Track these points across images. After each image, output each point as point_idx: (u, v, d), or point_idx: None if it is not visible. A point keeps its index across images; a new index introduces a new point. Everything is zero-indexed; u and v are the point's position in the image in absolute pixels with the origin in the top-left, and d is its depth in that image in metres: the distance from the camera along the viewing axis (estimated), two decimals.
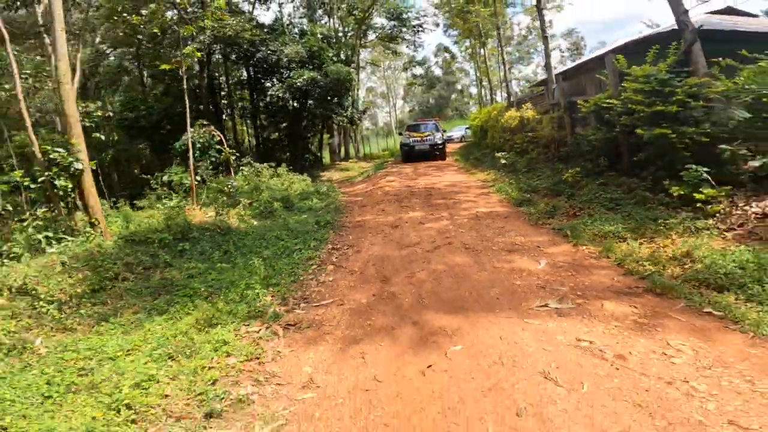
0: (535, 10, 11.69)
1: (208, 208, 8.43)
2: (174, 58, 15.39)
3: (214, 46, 16.45)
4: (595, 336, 2.58)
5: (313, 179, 14.15)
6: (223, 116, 20.24)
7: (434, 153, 16.12)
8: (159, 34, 14.00)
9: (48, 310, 3.92)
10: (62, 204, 5.75)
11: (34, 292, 4.13)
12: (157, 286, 4.63)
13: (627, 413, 1.92)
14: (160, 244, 5.67)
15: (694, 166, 4.66)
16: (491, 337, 2.67)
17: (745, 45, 5.13)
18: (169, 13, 12.76)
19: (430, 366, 2.46)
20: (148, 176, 9.60)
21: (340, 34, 25.59)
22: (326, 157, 24.45)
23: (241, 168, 12.22)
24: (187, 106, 8.51)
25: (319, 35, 19.35)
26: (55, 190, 5.52)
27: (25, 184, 5.56)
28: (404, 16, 26.14)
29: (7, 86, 9.93)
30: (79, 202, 6.02)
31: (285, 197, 9.54)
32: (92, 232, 5.51)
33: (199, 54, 10.58)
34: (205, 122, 11.47)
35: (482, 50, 21.56)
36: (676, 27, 6.25)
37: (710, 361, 2.23)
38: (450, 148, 19.31)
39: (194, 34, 11.63)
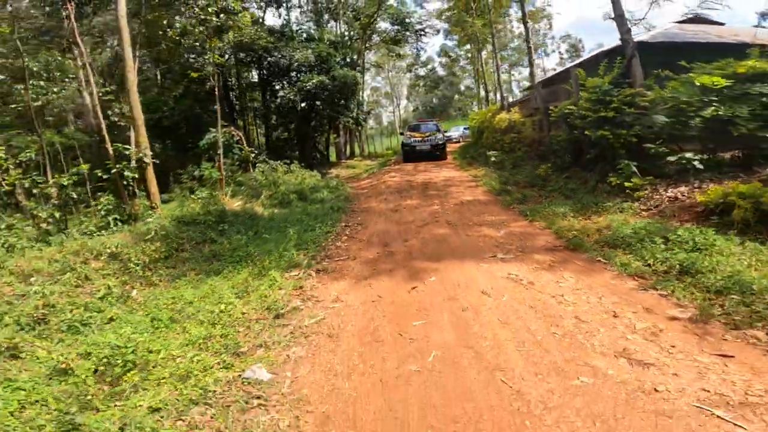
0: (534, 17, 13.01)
1: (234, 199, 9.87)
2: (196, 63, 16.86)
3: (229, 50, 17.86)
4: (520, 272, 3.96)
5: (322, 176, 15.53)
6: (235, 116, 21.69)
7: (435, 153, 16.59)
8: (181, 40, 15.37)
9: (136, 270, 5.31)
10: (126, 192, 7.18)
11: (124, 257, 5.55)
12: (208, 256, 6.03)
13: (523, 310, 3.29)
14: (204, 224, 7.08)
15: (627, 162, 6.03)
16: (454, 273, 4.07)
17: (693, 54, 6.48)
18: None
19: (414, 288, 3.86)
20: (180, 171, 11.04)
21: (346, 38, 26.99)
22: (333, 156, 25.81)
23: (257, 165, 13.62)
24: (219, 110, 9.91)
25: (327, 41, 20.72)
26: (123, 180, 6.96)
27: (99, 174, 7.00)
28: (407, 21, 27.49)
29: (55, 89, 11.41)
30: (137, 190, 7.45)
31: (299, 190, 10.95)
32: (153, 213, 6.94)
33: (224, 61, 12.00)
34: (225, 123, 12.89)
35: (481, 54, 22.83)
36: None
37: (582, 286, 3.60)
38: (449, 147, 20.47)
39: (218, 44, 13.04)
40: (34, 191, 6.95)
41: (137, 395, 2.51)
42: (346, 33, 27.67)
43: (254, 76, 22.48)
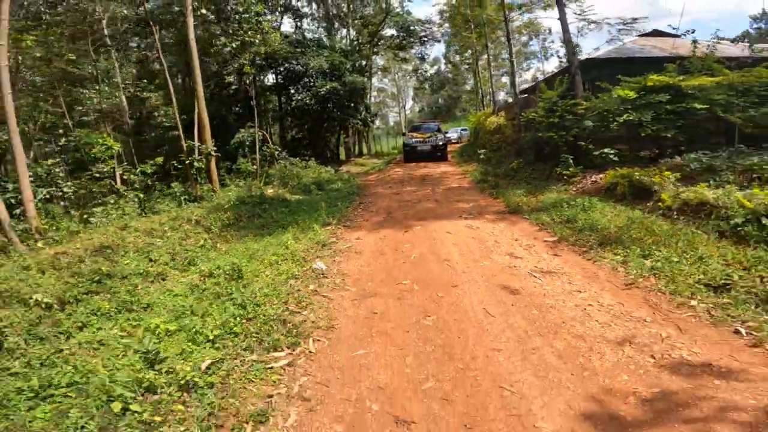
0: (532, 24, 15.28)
1: (266, 187, 12.25)
2: (224, 71, 19.25)
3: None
4: (473, 224, 6.29)
5: (334, 171, 17.92)
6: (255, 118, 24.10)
7: (435, 153, 17.12)
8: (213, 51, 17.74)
9: (216, 231, 7.68)
10: (194, 178, 9.58)
11: (205, 223, 7.93)
12: (259, 225, 8.38)
13: (468, 239, 5.59)
14: (251, 204, 9.45)
15: (566, 156, 8.32)
16: (433, 226, 6.40)
17: (635, 67, 8.71)
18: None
19: (406, 231, 6.21)
20: (226, 164, 13.47)
21: (355, 43, 29.37)
22: (342, 155, 28.19)
23: (279, 161, 16.02)
24: (256, 115, 12.30)
25: (338, 50, 23.10)
26: (193, 170, 9.36)
27: (174, 164, 9.40)
28: (411, 28, 29.83)
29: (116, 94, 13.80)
30: (199, 177, 9.85)
31: (317, 181, 13.35)
32: (214, 195, 9.33)
33: (253, 71, 14.44)
34: (251, 125, 15.27)
35: (478, 62, 25.09)
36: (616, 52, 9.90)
37: (506, 229, 5.91)
38: (449, 148, 22.53)
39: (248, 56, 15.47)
40: (125, 177, 9.38)
41: (255, 283, 4.82)
42: (355, 39, 30.04)
43: (269, 79, 24.87)
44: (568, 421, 2.20)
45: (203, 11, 10.66)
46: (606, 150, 7.80)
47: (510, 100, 21.54)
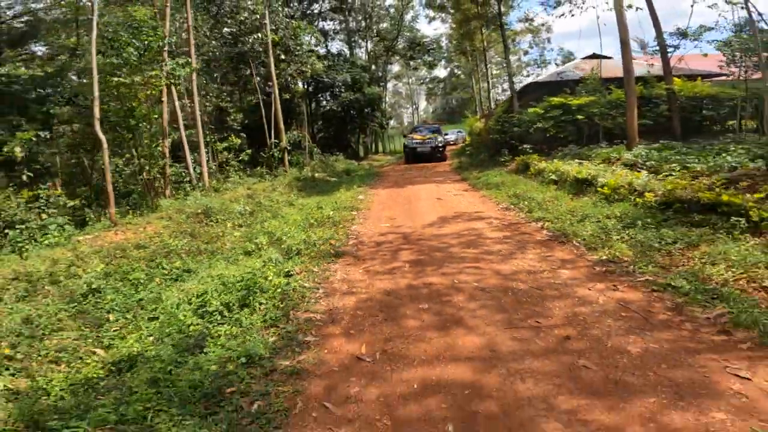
0: (530, 34, 20.80)
1: (312, 173, 18.04)
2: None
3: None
4: (442, 186, 11.97)
5: (356, 164, 23.67)
6: (289, 121, 30.05)
7: (435, 155, 19.20)
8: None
9: (296, 191, 13.46)
10: (273, 163, 15.40)
11: (287, 187, 13.69)
12: (318, 191, 14.17)
13: (432, 189, 11.25)
14: (307, 180, 15.22)
15: (505, 150, 13.90)
16: (418, 186, 12.10)
17: (566, 87, 14.24)
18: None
19: (402, 188, 11.94)
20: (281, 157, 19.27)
21: (372, 54, 35.11)
22: (361, 152, 33.96)
23: (315, 155, 21.79)
24: (306, 120, 18.11)
25: (358, 65, 28.88)
26: (272, 158, 15.17)
27: (262, 154, 15.19)
28: (420, 42, 35.48)
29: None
30: (274, 163, 15.63)
31: (346, 169, 19.09)
32: (287, 174, 15.11)
33: (303, 90, 20.30)
34: (294, 128, 21.11)
35: (477, 70, 30.56)
36: (557, 75, 15.43)
37: (453, 186, 11.57)
38: (448, 149, 27.89)
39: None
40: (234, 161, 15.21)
41: (329, 206, 10.49)
42: (372, 51, 35.80)
43: (299, 86, 30.72)
44: (436, 213, 7.81)
45: (278, 52, 16.31)
46: (525, 146, 13.34)
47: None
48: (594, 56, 19.69)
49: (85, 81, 9.14)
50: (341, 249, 5.95)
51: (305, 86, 29.54)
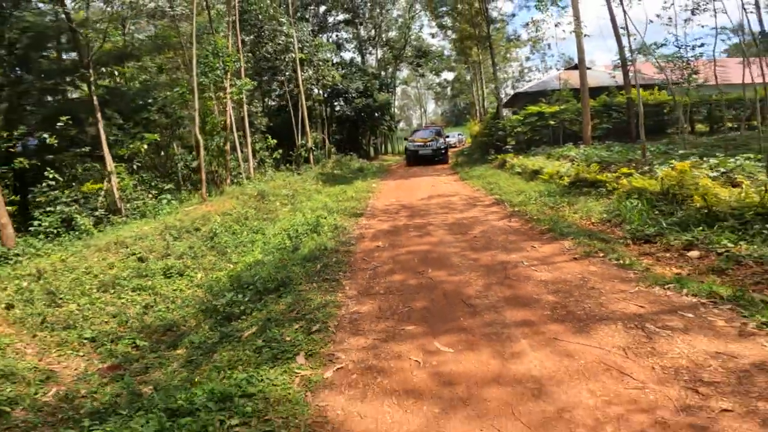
0: (530, 44, 24.05)
1: (332, 169, 21.40)
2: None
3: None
4: (438, 178, 15.26)
5: (368, 162, 27.00)
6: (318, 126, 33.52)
7: (436, 157, 20.08)
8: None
9: (320, 182, 16.82)
10: (300, 161, 18.77)
11: (313, 178, 17.03)
12: (339, 182, 17.56)
13: (430, 180, 14.54)
14: (329, 175, 18.59)
15: (493, 149, 17.13)
16: (422, 178, 15.40)
17: (548, 95, 17.46)
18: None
19: (407, 180, 15.24)
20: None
21: (382, 61, 38.44)
22: (372, 152, 37.31)
23: (333, 154, 25.15)
24: (323, 124, 21.51)
25: (369, 74, 32.22)
26: (299, 156, 18.55)
27: (290, 153, 18.57)
28: (425, 50, 38.76)
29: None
30: (301, 160, 18.99)
31: (360, 167, 22.43)
32: (312, 169, 18.45)
33: (322, 99, 23.68)
34: (313, 130, 24.45)
35: (477, 77, 33.75)
36: (541, 84, 18.69)
37: (446, 178, 14.83)
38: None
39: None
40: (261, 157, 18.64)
41: (349, 192, 13.78)
42: (382, 58, 39.15)
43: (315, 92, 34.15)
44: (427, 194, 11.05)
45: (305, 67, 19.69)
46: (507, 146, 16.57)
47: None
48: (575, 67, 22.83)
49: (169, 94, 12.51)
50: (362, 212, 9.27)
51: (323, 94, 33.02)
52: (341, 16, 35.43)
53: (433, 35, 32.92)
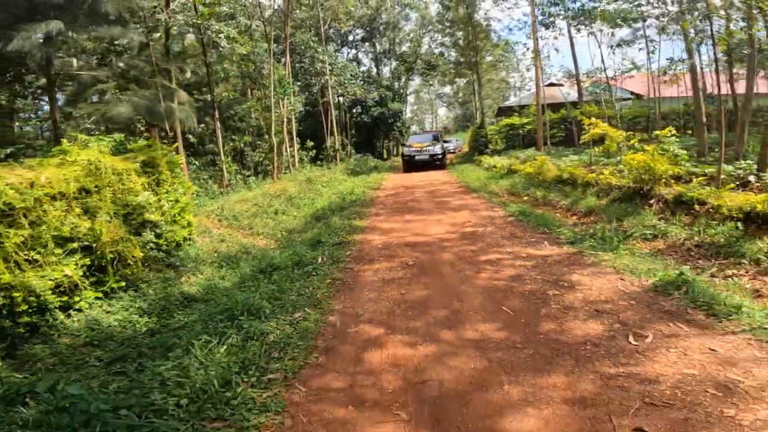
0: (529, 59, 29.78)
1: (353, 166, 27.38)
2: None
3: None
4: (431, 174, 21.06)
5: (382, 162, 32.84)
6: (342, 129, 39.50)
7: (434, 163, 21.64)
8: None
9: (347, 174, 22.77)
10: (329, 159, 24.71)
11: (341, 170, 22.97)
12: (358, 174, 23.51)
13: (426, 176, 20.34)
14: (352, 170, 24.51)
15: (477, 152, 22.89)
16: (420, 173, 21.24)
17: (526, 107, 23.17)
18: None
19: (408, 176, 21.10)
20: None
21: (394, 73, 44.31)
22: (385, 154, 43.18)
23: (353, 155, 31.07)
24: (345, 128, 27.49)
25: (384, 86, 38.12)
26: (328, 155, 24.49)
27: (319, 153, 24.50)
28: (433, 63, 44.52)
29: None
30: (329, 158, 24.90)
31: (375, 165, 28.36)
32: (338, 166, 24.36)
33: (344, 106, 29.64)
34: (335, 133, 30.41)
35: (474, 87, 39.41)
36: (521, 99, 24.47)
37: (440, 175, 20.62)
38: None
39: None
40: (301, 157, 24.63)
41: (367, 184, 19.61)
42: (395, 70, 45.02)
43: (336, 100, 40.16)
44: (420, 180, 16.84)
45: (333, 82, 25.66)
46: (487, 150, 22.28)
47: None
48: (551, 84, 28.46)
49: (244, 106, 18.50)
50: (377, 188, 15.17)
51: (345, 103, 39.04)
52: (360, 34, 41.47)
53: (442, 54, 38.40)
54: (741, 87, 10.36)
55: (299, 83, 26.12)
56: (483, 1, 23.22)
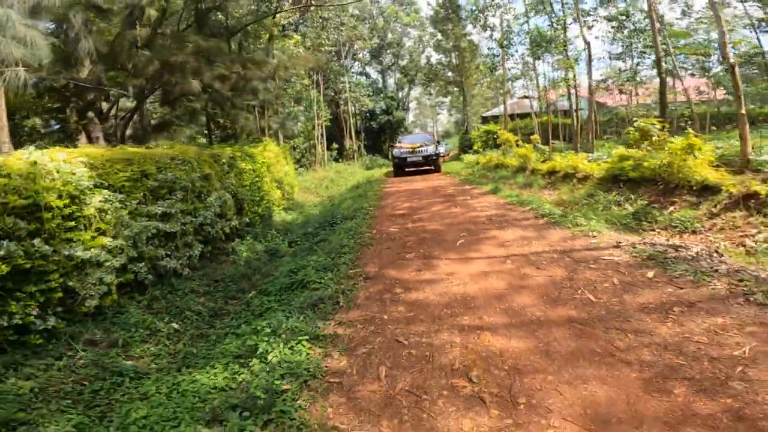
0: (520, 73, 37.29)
1: (367, 164, 34.90)
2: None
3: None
4: (432, 175, 28.55)
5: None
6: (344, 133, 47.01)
7: (427, 165, 21.31)
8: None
9: (363, 168, 30.23)
10: (348, 157, 32.18)
11: (358, 167, 30.40)
12: (371, 169, 31.00)
13: (428, 177, 27.77)
14: (367, 167, 31.98)
15: (463, 151, 30.35)
16: (420, 177, 28.70)
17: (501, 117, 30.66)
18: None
19: (411, 176, 28.64)
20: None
21: (398, 84, 51.88)
22: (390, 155, 50.67)
23: (364, 155, 38.55)
24: (357, 133, 35.05)
25: (389, 96, 45.66)
26: (348, 154, 31.96)
27: (338, 154, 31.92)
28: (431, 76, 52.05)
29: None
30: (349, 156, 32.31)
31: (382, 164, 35.85)
32: (355, 163, 31.78)
33: (356, 114, 37.17)
34: (348, 137, 38.01)
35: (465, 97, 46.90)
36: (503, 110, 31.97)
37: (436, 176, 28.07)
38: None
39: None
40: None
41: (379, 175, 27.00)
42: (398, 81, 52.59)
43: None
44: (417, 177, 24.23)
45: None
46: (470, 151, 29.70)
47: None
48: (524, 97, 35.90)
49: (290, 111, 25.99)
50: (388, 175, 22.62)
51: (357, 112, 46.59)
52: (368, 55, 49.13)
53: (437, 69, 45.83)
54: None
55: (327, 97, 33.67)
56: (470, 35, 29.94)
